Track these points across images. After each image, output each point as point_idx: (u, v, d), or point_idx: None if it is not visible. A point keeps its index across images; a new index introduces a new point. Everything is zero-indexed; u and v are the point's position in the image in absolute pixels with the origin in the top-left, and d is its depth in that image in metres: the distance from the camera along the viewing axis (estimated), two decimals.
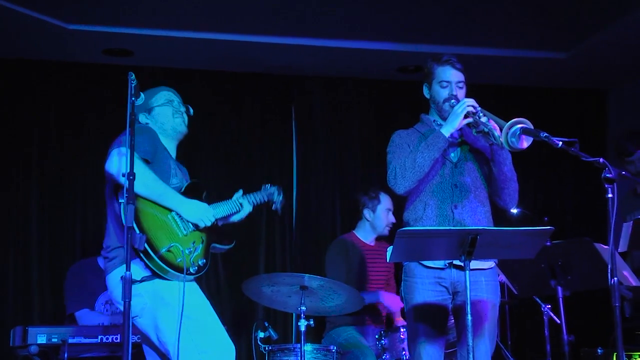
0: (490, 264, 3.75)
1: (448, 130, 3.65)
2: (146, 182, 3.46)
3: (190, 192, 3.75)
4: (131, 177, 3.16)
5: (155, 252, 3.42)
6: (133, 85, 3.32)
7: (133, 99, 3.32)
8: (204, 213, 3.68)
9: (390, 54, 6.52)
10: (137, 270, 3.41)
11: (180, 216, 3.62)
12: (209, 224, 3.70)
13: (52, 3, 5.56)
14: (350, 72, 6.97)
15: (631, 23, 5.97)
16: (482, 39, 6.38)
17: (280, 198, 4.28)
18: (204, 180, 6.49)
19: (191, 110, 3.98)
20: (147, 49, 6.31)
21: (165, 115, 3.86)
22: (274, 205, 4.27)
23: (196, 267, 3.60)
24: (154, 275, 3.47)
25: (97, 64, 6.52)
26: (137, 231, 3.35)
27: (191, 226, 3.65)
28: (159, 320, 3.52)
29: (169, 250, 3.47)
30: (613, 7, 5.77)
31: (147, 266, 3.44)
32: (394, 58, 6.61)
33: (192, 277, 3.59)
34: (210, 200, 3.87)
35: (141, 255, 3.40)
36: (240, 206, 4.02)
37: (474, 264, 3.52)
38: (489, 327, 3.70)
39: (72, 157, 6.39)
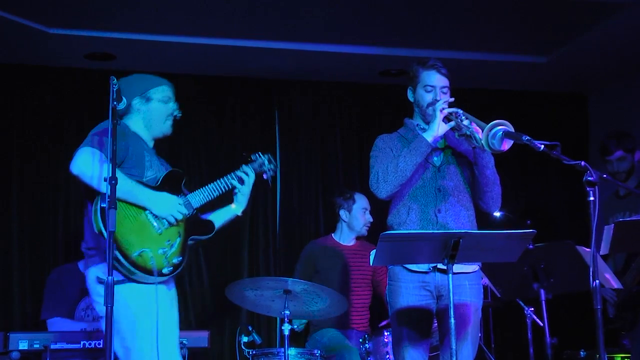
0: (474, 267, 3.76)
1: (430, 135, 3.66)
2: None
3: (167, 182, 3.69)
4: (113, 182, 3.14)
5: (126, 257, 3.39)
6: (115, 89, 3.31)
7: (115, 103, 3.30)
8: (172, 207, 3.60)
9: (373, 58, 6.53)
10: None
11: (153, 214, 3.57)
12: (179, 217, 3.62)
13: (34, 7, 5.53)
14: (332, 76, 6.98)
15: (610, 28, 6.01)
16: (464, 43, 6.41)
17: (272, 166, 4.12)
18: (186, 185, 6.55)
19: (179, 113, 3.91)
20: (130, 53, 6.29)
21: (159, 114, 3.80)
22: (265, 175, 4.10)
23: (171, 267, 3.55)
24: (127, 279, 3.44)
25: (79, 68, 6.50)
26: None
27: (166, 223, 3.59)
28: (123, 326, 3.46)
29: (139, 255, 3.43)
30: (593, 12, 5.81)
31: (117, 270, 3.40)
32: (376, 62, 6.63)
33: (166, 277, 3.54)
34: (191, 189, 3.82)
35: (113, 261, 3.36)
36: (236, 181, 3.91)
37: (458, 268, 3.52)
38: (471, 331, 3.71)
39: (53, 162, 6.35)
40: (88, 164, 3.42)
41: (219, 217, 3.95)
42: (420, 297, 3.69)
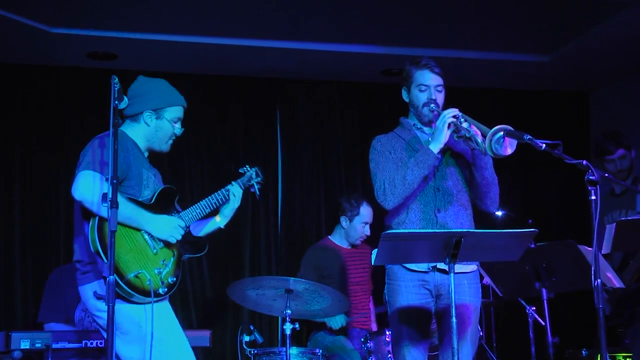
0: (472, 267, 3.76)
1: (436, 146, 3.64)
2: None
3: (161, 199, 3.67)
4: (114, 182, 3.14)
5: (122, 277, 3.38)
6: (116, 88, 3.30)
7: (116, 102, 3.29)
8: (172, 228, 3.60)
9: (374, 57, 6.53)
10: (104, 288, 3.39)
11: (150, 234, 3.57)
12: (179, 237, 3.62)
13: (36, 6, 5.53)
14: (334, 75, 6.98)
15: (613, 26, 6.01)
16: (466, 42, 6.41)
17: (259, 179, 4.10)
18: (188, 184, 6.57)
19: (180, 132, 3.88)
20: (132, 53, 6.29)
21: (165, 134, 3.78)
22: (252, 188, 4.09)
23: (166, 288, 3.55)
24: (119, 297, 3.38)
25: (81, 68, 6.50)
26: (104, 259, 3.32)
27: (161, 243, 3.59)
28: (117, 344, 3.44)
29: (136, 277, 3.42)
30: (594, 10, 5.81)
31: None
32: (377, 61, 6.63)
33: (160, 298, 3.52)
34: (184, 206, 3.79)
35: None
36: (226, 197, 3.90)
37: (456, 268, 3.50)
38: (471, 330, 3.71)
39: (55, 162, 6.36)
40: (89, 189, 3.41)
41: (204, 230, 3.94)
42: (419, 296, 3.69)
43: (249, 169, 4.09)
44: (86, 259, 3.55)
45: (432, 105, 3.76)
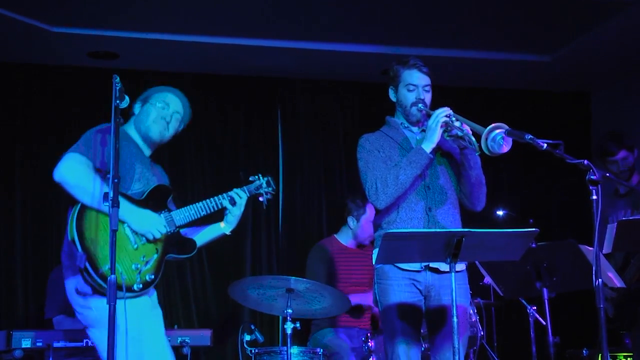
0: (461, 266, 3.74)
1: (429, 146, 3.64)
2: (93, 192, 3.35)
3: (152, 196, 3.61)
4: (115, 181, 3.13)
5: (96, 270, 3.32)
6: (118, 88, 3.29)
7: (117, 102, 3.29)
8: (152, 224, 3.52)
9: (375, 57, 6.53)
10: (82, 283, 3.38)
11: (131, 228, 3.50)
12: (158, 235, 3.53)
13: (37, 6, 5.53)
14: (335, 75, 6.98)
15: (614, 26, 6.01)
16: (467, 41, 6.41)
17: (270, 189, 4.05)
18: (189, 183, 6.57)
19: (182, 125, 3.83)
20: (133, 52, 6.29)
21: (147, 116, 3.71)
22: (261, 197, 4.05)
23: (141, 285, 3.46)
24: (95, 292, 3.37)
25: (82, 67, 6.50)
26: (80, 249, 3.30)
27: (144, 239, 3.52)
28: (98, 338, 3.43)
29: (110, 269, 3.35)
30: (596, 10, 5.81)
31: (87, 282, 3.36)
32: (378, 61, 6.62)
33: (134, 294, 3.43)
34: (183, 205, 3.74)
35: (83, 273, 3.34)
36: (222, 203, 3.82)
37: (446, 268, 3.48)
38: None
39: (56, 161, 6.32)
40: (71, 172, 3.40)
41: (206, 234, 3.88)
42: (411, 294, 3.68)
43: (260, 177, 4.04)
44: (66, 249, 3.51)
45: (421, 104, 3.77)
